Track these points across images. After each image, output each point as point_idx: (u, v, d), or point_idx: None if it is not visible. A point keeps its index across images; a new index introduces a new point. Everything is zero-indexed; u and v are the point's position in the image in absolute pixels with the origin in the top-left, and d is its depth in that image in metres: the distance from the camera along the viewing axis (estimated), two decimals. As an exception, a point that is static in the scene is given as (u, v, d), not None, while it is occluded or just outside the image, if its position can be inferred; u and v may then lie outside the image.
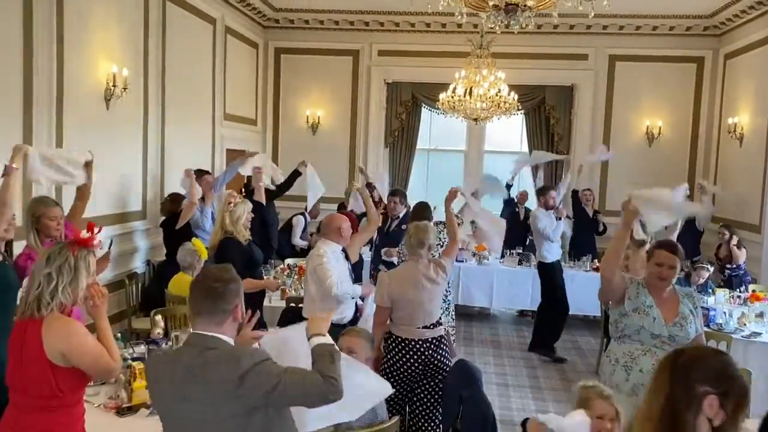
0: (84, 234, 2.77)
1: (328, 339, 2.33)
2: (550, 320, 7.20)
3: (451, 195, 4.62)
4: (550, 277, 7.12)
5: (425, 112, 10.57)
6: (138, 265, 7.18)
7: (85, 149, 4.25)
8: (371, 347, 3.15)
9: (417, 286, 3.86)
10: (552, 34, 9.76)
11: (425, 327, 3.88)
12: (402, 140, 10.58)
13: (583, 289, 7.45)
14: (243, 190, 7.52)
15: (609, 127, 10.33)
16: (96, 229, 2.78)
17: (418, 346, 3.83)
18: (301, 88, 10.52)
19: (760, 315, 5.54)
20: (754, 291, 6.41)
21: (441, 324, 3.98)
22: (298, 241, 8.43)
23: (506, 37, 9.13)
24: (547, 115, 10.42)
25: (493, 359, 6.96)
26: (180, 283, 5.48)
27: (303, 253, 8.44)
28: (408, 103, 10.42)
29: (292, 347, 2.45)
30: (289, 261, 7.23)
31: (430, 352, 3.87)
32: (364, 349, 3.10)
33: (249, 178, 8.52)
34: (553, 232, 6.94)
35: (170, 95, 7.49)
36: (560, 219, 7.08)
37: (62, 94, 5.63)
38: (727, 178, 9.47)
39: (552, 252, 7.08)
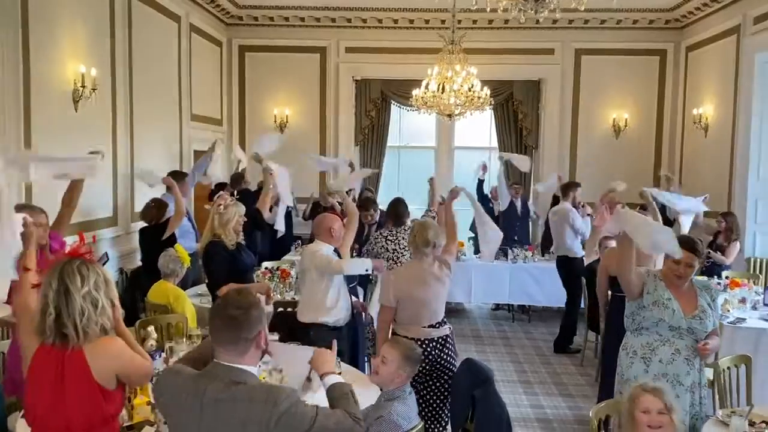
0: (77, 246, 2.60)
1: (341, 378, 2.34)
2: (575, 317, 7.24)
3: (454, 194, 4.62)
4: (581, 271, 7.16)
5: (395, 109, 10.52)
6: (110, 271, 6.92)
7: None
8: (407, 364, 3.06)
9: (424, 285, 3.82)
10: (519, 29, 9.83)
11: (431, 326, 3.84)
12: (372, 138, 10.51)
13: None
14: (236, 192, 7.30)
15: (576, 121, 10.49)
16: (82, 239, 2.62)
17: (424, 346, 3.78)
18: (267, 86, 10.33)
19: (743, 300, 5.68)
20: (728, 277, 6.57)
21: (446, 323, 3.94)
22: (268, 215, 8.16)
23: (474, 32, 9.24)
24: (515, 109, 10.51)
25: (477, 354, 6.95)
26: (161, 291, 5.30)
27: (275, 253, 8.26)
28: (377, 101, 10.36)
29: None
30: (267, 264, 7.05)
31: (437, 351, 3.83)
32: (396, 362, 3.02)
33: (239, 176, 8.29)
34: (587, 229, 6.99)
35: (138, 95, 7.25)
36: (589, 216, 7.19)
37: (29, 97, 5.36)
38: (692, 167, 9.73)
39: (580, 248, 7.11)
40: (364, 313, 4.84)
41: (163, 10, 7.93)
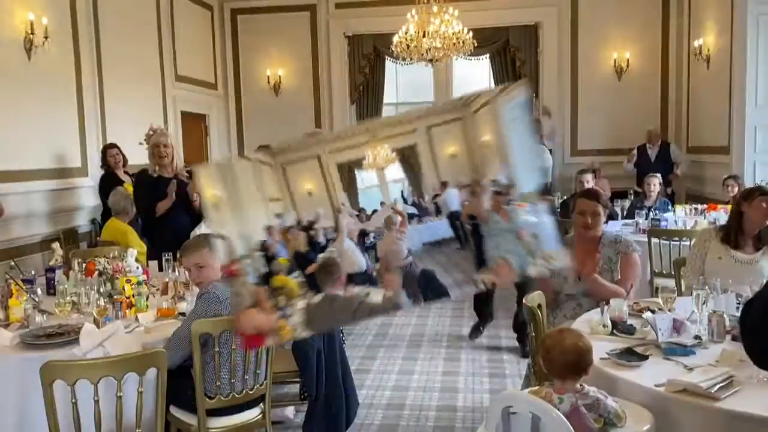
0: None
1: None
2: None
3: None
4: None
5: (390, 65, 9.25)
6: (81, 223, 6.19)
7: None
8: None
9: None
10: (510, -28, 8.35)
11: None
12: (368, 95, 9.30)
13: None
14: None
15: (576, 65, 8.87)
16: None
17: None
18: (259, 48, 9.23)
19: (713, 222, 4.28)
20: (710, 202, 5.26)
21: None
22: None
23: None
24: (512, 56, 9.01)
25: (438, 318, 5.75)
26: (112, 229, 4.64)
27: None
28: (371, 56, 9.13)
29: None
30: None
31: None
32: None
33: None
34: None
35: (107, 54, 6.43)
36: None
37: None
38: (698, 103, 7.97)
39: None
40: None
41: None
